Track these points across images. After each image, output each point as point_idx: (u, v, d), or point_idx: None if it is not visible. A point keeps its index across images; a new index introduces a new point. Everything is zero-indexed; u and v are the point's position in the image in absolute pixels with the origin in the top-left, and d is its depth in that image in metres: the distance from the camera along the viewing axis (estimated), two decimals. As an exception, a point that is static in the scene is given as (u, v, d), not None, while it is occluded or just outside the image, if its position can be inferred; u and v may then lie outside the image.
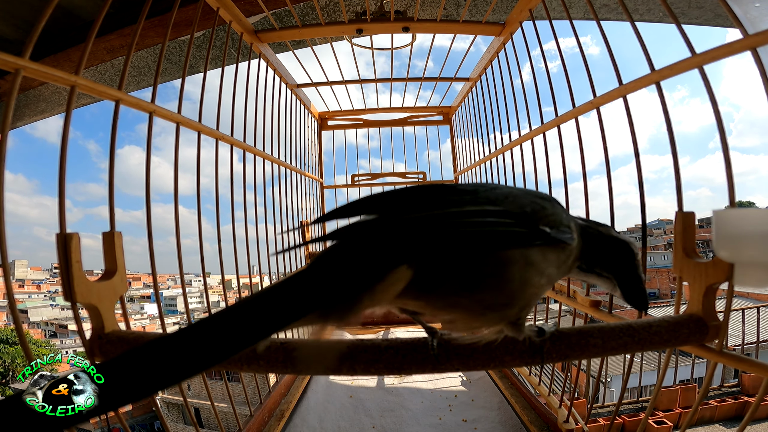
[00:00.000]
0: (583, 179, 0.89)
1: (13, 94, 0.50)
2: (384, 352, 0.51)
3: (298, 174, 1.77)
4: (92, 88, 0.60)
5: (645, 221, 0.72)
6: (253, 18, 1.26)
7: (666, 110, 0.66)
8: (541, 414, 1.09)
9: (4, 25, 1.33)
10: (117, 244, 0.60)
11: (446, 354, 0.50)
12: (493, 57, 1.43)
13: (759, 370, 0.50)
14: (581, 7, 1.50)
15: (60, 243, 0.53)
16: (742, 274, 0.48)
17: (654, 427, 2.40)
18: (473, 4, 1.52)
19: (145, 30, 1.29)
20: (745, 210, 0.47)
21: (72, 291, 0.54)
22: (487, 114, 1.59)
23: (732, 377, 3.11)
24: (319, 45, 1.58)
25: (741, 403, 2.63)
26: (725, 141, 0.55)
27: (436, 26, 1.33)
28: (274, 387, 1.26)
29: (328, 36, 1.44)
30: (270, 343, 0.52)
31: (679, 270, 0.58)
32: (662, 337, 0.53)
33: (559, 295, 1.04)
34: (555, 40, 0.97)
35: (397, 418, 1.20)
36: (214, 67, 1.66)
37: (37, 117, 1.94)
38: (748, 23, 0.66)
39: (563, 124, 0.98)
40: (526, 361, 0.50)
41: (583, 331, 0.52)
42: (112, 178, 0.65)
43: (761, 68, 0.49)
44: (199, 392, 11.47)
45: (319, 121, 2.21)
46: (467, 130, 1.95)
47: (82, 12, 1.39)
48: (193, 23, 0.88)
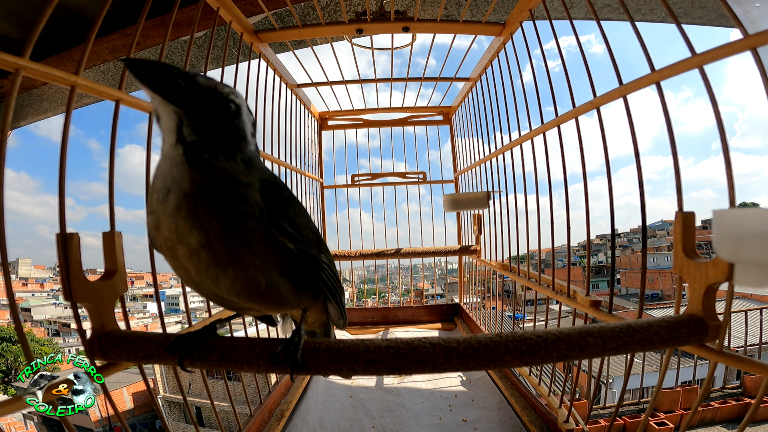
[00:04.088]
0: (583, 179, 0.89)
1: (13, 94, 0.51)
2: (384, 352, 0.51)
3: (298, 174, 1.77)
4: (92, 87, 0.60)
5: (645, 222, 0.72)
6: (254, 18, 1.26)
7: (666, 110, 0.66)
8: (541, 414, 1.09)
9: (7, 25, 1.34)
10: (117, 243, 0.61)
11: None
12: (493, 57, 1.43)
13: (759, 370, 0.50)
14: (582, 7, 1.49)
15: (60, 243, 0.53)
16: (742, 274, 0.48)
17: (655, 428, 2.39)
18: (474, 4, 1.52)
19: (146, 30, 1.30)
20: (745, 210, 0.47)
21: (71, 291, 0.54)
22: (487, 114, 1.59)
23: (734, 379, 3.10)
24: (319, 45, 1.58)
25: (743, 405, 2.62)
26: (725, 141, 0.55)
27: (436, 26, 1.33)
28: (274, 387, 1.26)
29: (329, 36, 1.44)
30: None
31: (679, 270, 0.58)
32: (662, 337, 0.53)
33: (559, 296, 1.03)
34: (555, 40, 0.96)
35: (397, 418, 1.20)
36: (215, 67, 1.67)
37: (40, 116, 1.95)
38: (748, 23, 0.66)
39: (563, 124, 0.98)
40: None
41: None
42: (112, 178, 0.65)
43: (761, 68, 0.49)
44: (199, 391, 11.49)
45: (319, 120, 2.22)
46: (467, 130, 1.95)
47: (85, 11, 1.39)
48: (194, 23, 0.88)
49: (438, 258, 2.32)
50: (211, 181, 0.48)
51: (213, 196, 0.47)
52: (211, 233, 0.47)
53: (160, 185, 0.48)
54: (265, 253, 0.51)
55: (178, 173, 0.47)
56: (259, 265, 0.51)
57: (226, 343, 0.55)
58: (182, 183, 0.47)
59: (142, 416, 13.89)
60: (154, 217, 0.49)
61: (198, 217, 0.47)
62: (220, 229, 0.47)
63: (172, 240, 0.49)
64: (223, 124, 0.49)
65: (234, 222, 0.48)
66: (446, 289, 2.81)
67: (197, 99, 0.47)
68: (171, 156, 0.48)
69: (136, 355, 0.56)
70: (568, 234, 1.02)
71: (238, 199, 0.49)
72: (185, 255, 0.49)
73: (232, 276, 0.50)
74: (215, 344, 0.55)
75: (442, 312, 2.09)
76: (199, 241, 0.47)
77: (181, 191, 0.47)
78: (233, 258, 0.49)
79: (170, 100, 0.45)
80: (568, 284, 1.00)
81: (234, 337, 0.57)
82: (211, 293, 0.54)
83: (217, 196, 0.48)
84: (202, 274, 0.50)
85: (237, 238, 0.48)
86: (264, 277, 0.52)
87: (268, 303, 0.56)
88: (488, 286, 1.79)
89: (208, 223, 0.47)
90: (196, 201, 0.47)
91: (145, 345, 0.56)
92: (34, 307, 25.01)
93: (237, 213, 0.48)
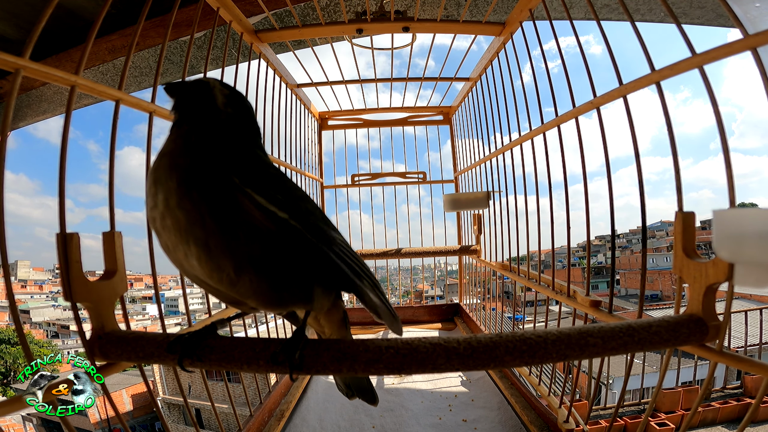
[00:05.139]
0: (583, 179, 0.89)
1: (13, 94, 0.51)
2: (384, 352, 0.51)
3: (298, 174, 1.77)
4: (92, 88, 0.60)
5: (645, 222, 0.72)
6: (254, 18, 1.26)
7: (666, 110, 0.66)
8: (541, 414, 1.09)
9: (6, 25, 1.34)
10: (117, 244, 0.61)
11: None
12: (493, 57, 1.43)
13: (759, 370, 0.50)
14: (582, 7, 1.50)
15: (60, 243, 0.53)
16: (742, 274, 0.48)
17: (656, 428, 2.39)
18: (473, 4, 1.52)
19: (146, 30, 1.30)
20: (745, 210, 0.47)
21: (71, 291, 0.54)
22: (487, 114, 1.59)
23: (735, 379, 3.10)
24: (319, 45, 1.58)
25: (743, 405, 2.62)
26: (725, 141, 0.55)
27: (436, 26, 1.33)
28: (274, 387, 1.26)
29: (328, 36, 1.44)
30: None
31: (679, 270, 0.58)
32: (662, 337, 0.53)
33: (559, 296, 1.03)
34: (555, 40, 0.96)
35: (397, 418, 1.20)
36: (215, 67, 1.67)
37: (39, 117, 1.95)
38: (748, 23, 0.66)
39: (563, 125, 0.98)
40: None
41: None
42: (113, 178, 0.65)
43: (761, 68, 0.49)
44: (199, 393, 11.48)
45: (319, 121, 2.22)
46: (467, 130, 1.95)
47: (85, 12, 1.39)
48: (194, 23, 0.88)
49: (438, 259, 2.32)
50: (199, 163, 0.49)
51: (195, 175, 0.48)
52: (191, 215, 0.47)
53: (161, 162, 0.52)
54: (261, 248, 0.48)
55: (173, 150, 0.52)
56: (257, 254, 0.48)
57: (226, 343, 0.55)
58: (178, 159, 0.50)
59: (142, 418, 13.86)
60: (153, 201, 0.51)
61: (183, 197, 0.48)
62: (215, 227, 0.47)
63: (162, 218, 0.49)
64: (211, 114, 0.54)
65: (210, 201, 0.47)
66: (446, 290, 2.81)
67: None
68: (171, 139, 0.53)
69: (136, 355, 0.56)
70: (568, 234, 1.02)
71: (215, 178, 0.48)
72: (174, 235, 0.49)
73: (240, 279, 0.50)
74: (215, 344, 0.54)
75: (442, 312, 2.09)
76: (185, 219, 0.47)
77: (171, 168, 0.50)
78: (229, 252, 0.48)
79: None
80: (568, 284, 1.00)
81: (234, 337, 0.57)
82: (220, 295, 0.56)
83: (199, 176, 0.48)
84: (193, 261, 0.49)
85: (210, 217, 0.47)
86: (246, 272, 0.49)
87: (271, 302, 0.54)
88: (488, 286, 1.79)
89: (189, 202, 0.47)
90: (189, 190, 0.48)
91: (145, 345, 0.56)
92: (33, 309, 24.95)
93: (211, 190, 0.48)
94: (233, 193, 0.47)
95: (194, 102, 0.55)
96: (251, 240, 0.48)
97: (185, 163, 0.49)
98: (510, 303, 3.19)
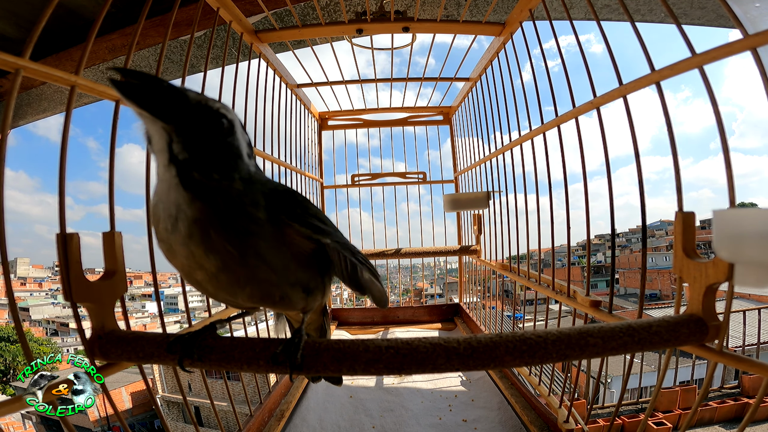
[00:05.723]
0: (583, 179, 0.89)
1: (13, 94, 0.50)
2: (384, 352, 0.51)
3: (298, 174, 1.77)
4: (92, 87, 0.60)
5: (645, 222, 0.72)
6: (254, 18, 1.26)
7: (666, 110, 0.66)
8: (541, 414, 1.09)
9: (6, 24, 1.34)
10: (117, 244, 0.60)
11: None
12: (493, 57, 1.43)
13: (759, 370, 0.50)
14: (582, 7, 1.49)
15: (60, 243, 0.53)
16: (742, 274, 0.48)
17: (654, 428, 2.39)
18: (473, 4, 1.52)
19: (146, 29, 1.30)
20: (745, 210, 0.47)
21: (71, 291, 0.54)
22: (487, 114, 1.59)
23: (732, 379, 3.11)
24: (319, 45, 1.58)
25: (741, 405, 2.62)
26: (725, 141, 0.55)
27: (436, 26, 1.33)
28: (274, 387, 1.26)
29: (328, 36, 1.44)
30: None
31: (679, 270, 0.58)
32: (662, 337, 0.53)
33: (560, 296, 1.03)
34: (555, 40, 0.96)
35: (397, 418, 1.20)
36: (215, 66, 1.66)
37: (39, 116, 1.95)
38: (748, 23, 0.66)
39: (563, 124, 0.98)
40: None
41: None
42: (112, 178, 0.65)
43: (761, 68, 0.49)
44: (199, 391, 11.48)
45: (319, 121, 2.21)
46: (467, 129, 1.95)
47: (85, 11, 1.39)
48: (194, 23, 0.88)
49: (438, 258, 2.32)
50: (215, 205, 0.47)
51: (222, 221, 0.47)
52: (227, 257, 0.48)
53: (164, 214, 0.48)
54: (283, 268, 0.52)
55: (177, 198, 0.46)
56: (275, 280, 0.52)
57: (226, 342, 0.55)
58: (187, 210, 0.46)
59: (141, 416, 13.88)
60: (167, 245, 0.49)
61: (212, 243, 0.47)
62: (236, 253, 0.48)
63: (190, 266, 0.49)
64: (215, 140, 0.47)
65: (248, 243, 0.48)
66: (446, 289, 2.81)
67: (187, 113, 0.45)
68: (166, 178, 0.47)
69: (136, 355, 0.56)
70: (568, 234, 1.02)
71: (247, 220, 0.48)
72: (204, 278, 0.50)
73: (250, 292, 0.51)
74: (215, 344, 0.54)
75: (442, 312, 2.09)
76: (217, 266, 0.48)
77: (188, 218, 0.46)
78: (252, 277, 0.50)
79: (158, 115, 0.43)
80: (568, 284, 1.00)
81: (234, 337, 0.57)
82: (225, 300, 0.57)
83: (225, 220, 0.47)
84: (220, 291, 0.52)
85: (254, 258, 0.49)
86: (279, 290, 0.53)
87: (281, 308, 0.59)
88: (488, 286, 1.79)
89: (222, 247, 0.47)
90: (207, 227, 0.46)
91: (145, 345, 0.56)
92: (32, 306, 24.96)
93: (248, 233, 0.48)
94: (281, 229, 0.50)
95: (194, 124, 0.46)
96: (298, 267, 0.53)
97: (225, 225, 0.47)
98: (510, 302, 3.19)
